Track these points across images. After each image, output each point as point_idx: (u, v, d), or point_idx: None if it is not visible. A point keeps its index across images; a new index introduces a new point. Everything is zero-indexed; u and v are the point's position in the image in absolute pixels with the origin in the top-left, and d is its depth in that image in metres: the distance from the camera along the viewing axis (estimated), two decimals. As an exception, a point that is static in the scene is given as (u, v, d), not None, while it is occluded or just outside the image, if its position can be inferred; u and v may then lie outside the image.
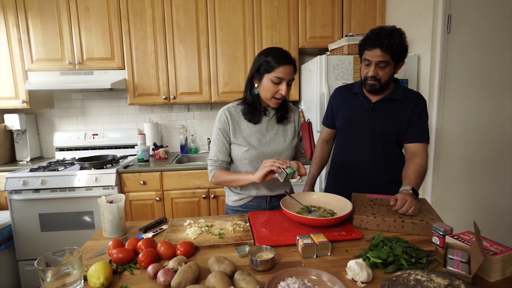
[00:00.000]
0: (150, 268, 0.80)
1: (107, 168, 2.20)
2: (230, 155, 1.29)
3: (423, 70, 2.15)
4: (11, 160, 2.51)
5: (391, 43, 1.19)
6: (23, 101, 2.29)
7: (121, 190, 2.19)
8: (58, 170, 2.15)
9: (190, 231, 1.03)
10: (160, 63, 2.40)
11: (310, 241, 0.90)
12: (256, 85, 1.22)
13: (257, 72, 1.19)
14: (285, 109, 1.30)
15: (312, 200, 1.24)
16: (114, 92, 2.68)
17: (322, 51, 2.57)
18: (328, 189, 1.58)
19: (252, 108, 1.24)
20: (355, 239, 0.99)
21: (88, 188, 2.11)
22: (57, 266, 0.73)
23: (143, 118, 2.78)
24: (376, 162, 1.39)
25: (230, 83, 2.49)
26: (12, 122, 2.40)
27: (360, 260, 0.77)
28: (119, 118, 2.75)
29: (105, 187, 2.12)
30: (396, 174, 1.33)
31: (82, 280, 0.76)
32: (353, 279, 0.76)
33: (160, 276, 0.76)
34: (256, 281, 0.72)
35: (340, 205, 1.17)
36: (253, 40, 2.45)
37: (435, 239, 0.93)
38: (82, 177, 2.11)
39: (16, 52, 2.26)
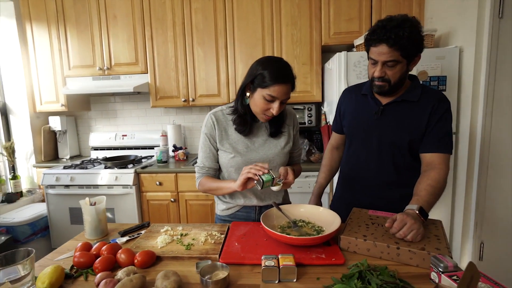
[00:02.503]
0: (98, 276, 0.78)
1: (128, 168, 2.31)
2: (217, 162, 1.22)
3: (466, 64, 1.82)
4: (55, 157, 2.80)
5: (399, 37, 0.98)
6: (62, 105, 2.54)
7: (139, 190, 2.28)
8: (86, 168, 2.32)
9: (160, 239, 0.99)
10: (180, 66, 2.44)
11: (273, 263, 0.78)
12: (248, 94, 1.11)
13: (251, 83, 1.08)
14: (279, 124, 1.18)
15: (302, 213, 1.11)
16: (141, 95, 2.81)
17: (349, 47, 2.37)
18: (336, 201, 1.41)
19: (243, 120, 1.14)
20: (334, 264, 0.84)
21: (110, 186, 2.23)
22: (6, 266, 0.74)
23: (168, 120, 2.87)
24: (385, 175, 1.19)
25: (249, 84, 2.42)
26: (55, 123, 2.67)
27: (316, 295, 0.64)
28: (146, 120, 2.88)
29: (124, 186, 2.22)
30: (411, 189, 1.12)
31: (34, 282, 0.77)
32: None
33: (101, 286, 0.73)
34: (188, 306, 0.64)
35: (331, 221, 1.02)
36: (272, 39, 2.35)
37: (434, 276, 0.74)
38: (104, 176, 2.24)
39: (57, 61, 2.51)
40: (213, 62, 2.43)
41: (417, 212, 0.94)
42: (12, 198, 2.44)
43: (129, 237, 1.07)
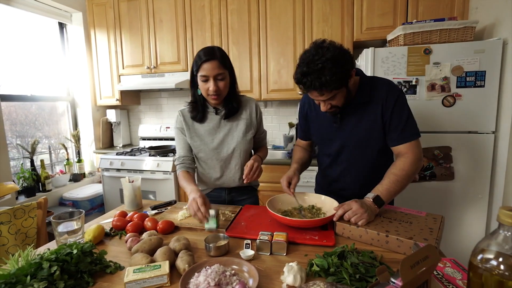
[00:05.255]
0: (127, 235, 0.98)
1: (168, 156, 2.59)
2: (192, 151, 1.34)
3: (511, 58, 1.68)
4: (110, 145, 3.24)
5: (324, 84, 0.96)
6: (117, 99, 2.92)
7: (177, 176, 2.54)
8: (134, 155, 2.66)
9: (180, 213, 1.17)
10: (216, 64, 2.63)
11: (266, 238, 0.90)
12: (199, 85, 1.23)
13: (194, 74, 1.22)
14: (230, 105, 1.27)
15: (312, 200, 1.20)
16: (183, 91, 3.09)
17: (383, 42, 2.32)
18: None
19: (193, 108, 1.28)
20: (324, 245, 0.93)
21: (152, 171, 2.53)
22: (65, 221, 0.98)
23: (205, 114, 3.10)
24: (358, 178, 1.22)
25: (279, 81, 2.52)
26: (111, 115, 3.08)
27: (294, 264, 0.74)
28: (187, 114, 3.15)
29: (164, 172, 2.50)
30: None
31: (83, 234, 1.00)
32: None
33: (128, 242, 0.93)
34: (189, 262, 0.79)
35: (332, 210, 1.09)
36: (303, 37, 2.41)
37: (414, 261, 0.78)
38: (148, 162, 2.55)
39: (113, 61, 2.90)
40: (246, 60, 2.57)
41: (371, 200, 1.00)
42: (77, 178, 2.90)
43: (158, 210, 1.27)
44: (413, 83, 1.83)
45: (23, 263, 0.74)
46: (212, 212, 1.02)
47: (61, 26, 2.95)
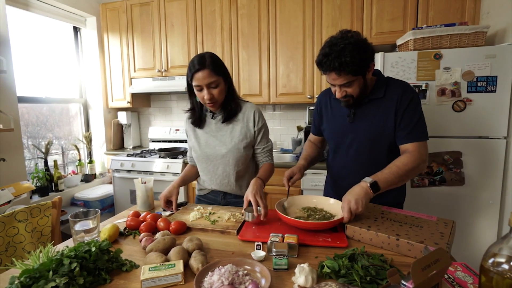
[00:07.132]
0: (141, 235, 1.00)
1: (178, 158, 2.63)
2: None
3: (522, 63, 1.67)
4: (121, 147, 3.30)
5: (343, 64, 1.01)
6: (128, 102, 2.98)
7: (186, 178, 2.57)
8: (144, 157, 2.71)
9: (191, 214, 1.19)
10: (225, 68, 2.67)
11: (277, 240, 0.92)
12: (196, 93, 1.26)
13: (189, 82, 1.25)
14: (228, 108, 1.28)
15: (320, 203, 1.21)
16: (193, 94, 3.13)
17: (393, 47, 2.33)
18: None
19: (193, 114, 1.35)
20: (337, 247, 0.94)
21: (162, 173, 2.57)
22: (82, 220, 1.01)
23: (214, 117, 3.14)
24: (367, 174, 1.20)
25: (288, 85, 2.54)
26: (122, 117, 3.15)
27: (305, 265, 0.75)
28: (196, 116, 3.19)
29: (174, 173, 2.54)
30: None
31: (99, 233, 1.03)
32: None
33: (142, 242, 0.95)
34: (202, 261, 0.81)
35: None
36: (313, 42, 2.43)
37: (424, 265, 0.79)
38: (158, 164, 2.59)
39: (125, 64, 2.96)
40: (256, 64, 2.60)
41: (368, 184, 1.02)
42: (89, 178, 2.96)
43: (170, 211, 1.30)
44: (423, 87, 1.83)
45: (44, 259, 0.77)
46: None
47: (76, 30, 3.03)
